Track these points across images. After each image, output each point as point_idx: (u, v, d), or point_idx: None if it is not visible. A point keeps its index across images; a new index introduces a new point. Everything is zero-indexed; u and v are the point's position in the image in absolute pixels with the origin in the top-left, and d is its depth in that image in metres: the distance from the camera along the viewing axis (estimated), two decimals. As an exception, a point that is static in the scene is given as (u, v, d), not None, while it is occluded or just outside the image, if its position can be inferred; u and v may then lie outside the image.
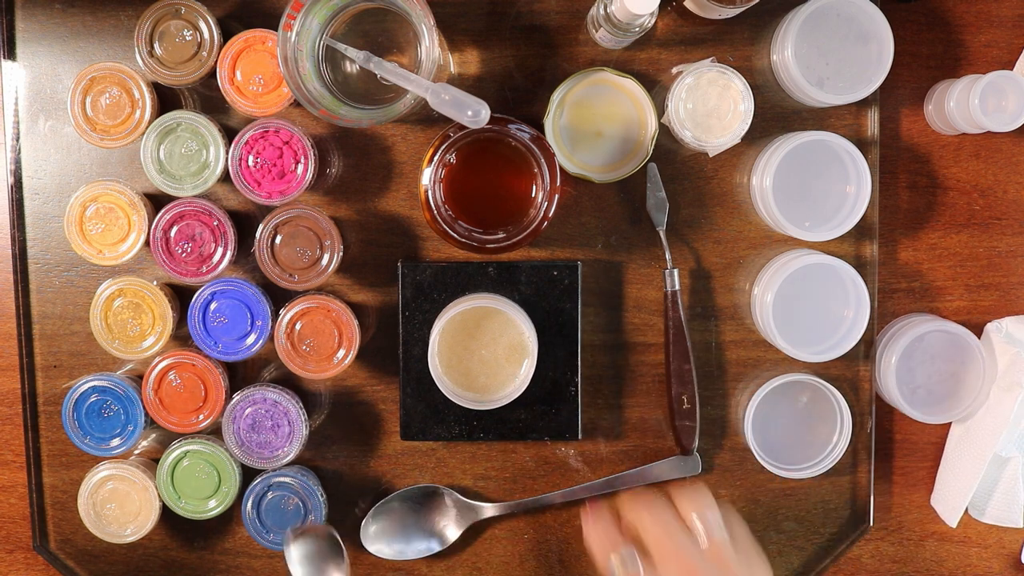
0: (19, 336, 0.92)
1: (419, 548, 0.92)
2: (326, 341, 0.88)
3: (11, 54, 0.91)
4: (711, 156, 0.88)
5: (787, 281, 0.87)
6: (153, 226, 0.87)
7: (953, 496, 0.91)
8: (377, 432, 0.93)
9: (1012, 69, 0.91)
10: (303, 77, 0.79)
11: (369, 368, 0.93)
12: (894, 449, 0.94)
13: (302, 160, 0.86)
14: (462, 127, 0.81)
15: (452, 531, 0.92)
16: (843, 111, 0.90)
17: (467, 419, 0.91)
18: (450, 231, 0.85)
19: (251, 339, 0.89)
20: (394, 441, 0.93)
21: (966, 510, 0.91)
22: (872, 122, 0.90)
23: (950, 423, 0.93)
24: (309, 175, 0.86)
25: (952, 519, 0.91)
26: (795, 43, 0.85)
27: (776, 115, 0.91)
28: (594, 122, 0.89)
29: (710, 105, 0.86)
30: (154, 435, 0.94)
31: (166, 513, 0.91)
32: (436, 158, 0.84)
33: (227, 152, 0.87)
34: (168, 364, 0.89)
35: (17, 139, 0.92)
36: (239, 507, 0.90)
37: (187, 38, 0.87)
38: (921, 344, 0.90)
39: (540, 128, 0.88)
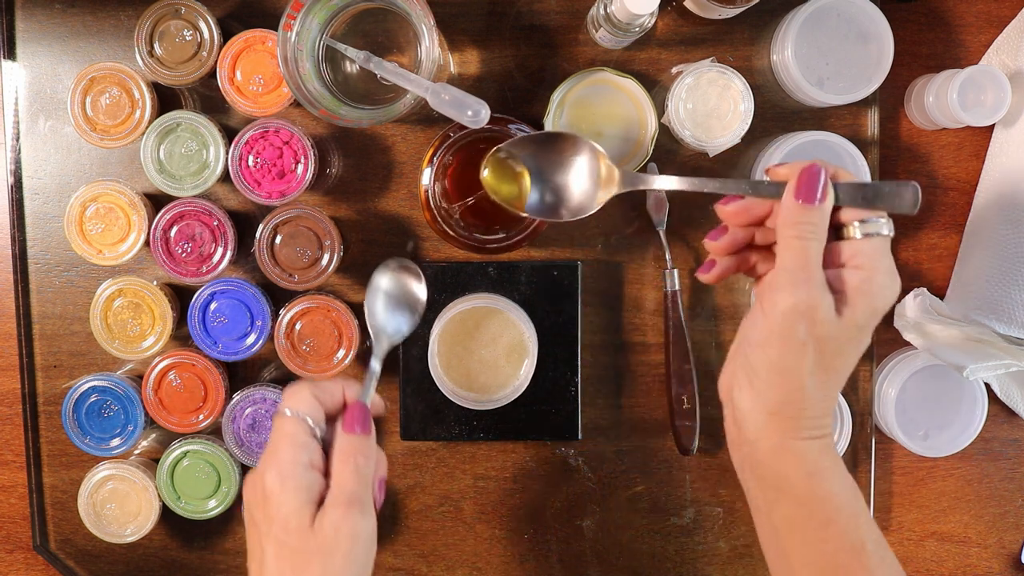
0: (19, 336, 0.92)
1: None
2: (326, 341, 0.88)
3: (11, 54, 0.91)
4: (711, 156, 0.88)
5: (787, 281, 0.87)
6: (153, 226, 0.87)
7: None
8: (377, 432, 0.92)
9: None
10: (303, 77, 0.79)
11: (369, 368, 0.93)
12: (894, 449, 0.94)
13: (302, 160, 0.86)
14: (462, 127, 0.81)
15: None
16: (843, 111, 0.90)
17: (467, 419, 0.91)
18: (450, 231, 0.85)
19: (251, 339, 0.89)
20: (394, 441, 0.93)
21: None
22: (872, 122, 0.90)
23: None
24: (309, 175, 0.86)
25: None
26: (795, 43, 0.85)
27: (776, 115, 0.90)
28: (594, 122, 0.89)
29: (710, 105, 0.86)
30: (154, 435, 0.94)
31: (166, 513, 0.91)
32: (436, 158, 0.84)
33: (227, 152, 0.87)
34: (168, 364, 0.89)
35: (17, 139, 0.92)
36: (239, 507, 0.90)
37: (187, 38, 0.87)
38: (918, 380, 0.90)
39: (540, 128, 0.88)
